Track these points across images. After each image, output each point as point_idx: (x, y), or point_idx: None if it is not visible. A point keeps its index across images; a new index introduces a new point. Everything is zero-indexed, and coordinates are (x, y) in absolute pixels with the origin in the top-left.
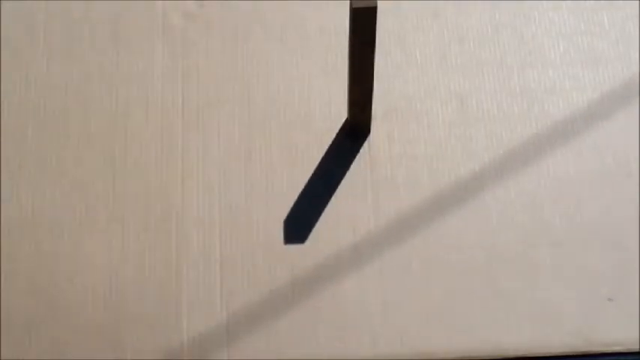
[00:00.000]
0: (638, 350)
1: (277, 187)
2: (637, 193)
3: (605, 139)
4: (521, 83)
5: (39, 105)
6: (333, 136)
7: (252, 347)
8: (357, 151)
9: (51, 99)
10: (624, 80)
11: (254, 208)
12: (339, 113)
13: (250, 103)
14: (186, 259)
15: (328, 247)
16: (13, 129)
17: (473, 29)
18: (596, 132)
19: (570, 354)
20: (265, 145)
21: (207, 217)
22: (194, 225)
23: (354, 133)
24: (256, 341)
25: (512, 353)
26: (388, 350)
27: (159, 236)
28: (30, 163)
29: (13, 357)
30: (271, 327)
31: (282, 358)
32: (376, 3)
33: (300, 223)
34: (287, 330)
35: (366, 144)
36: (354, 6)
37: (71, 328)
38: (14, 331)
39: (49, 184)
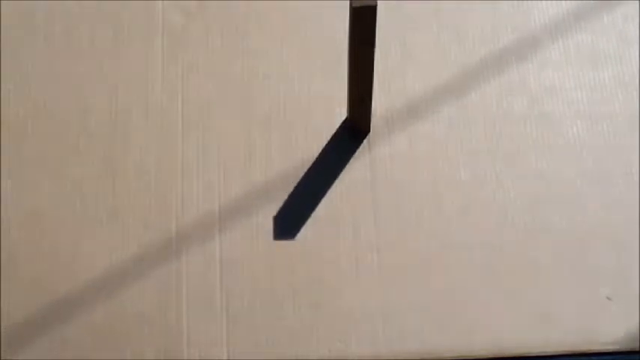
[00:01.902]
0: (638, 350)
1: (277, 186)
2: (637, 193)
3: (605, 140)
4: (521, 82)
5: (39, 104)
6: (333, 135)
7: (252, 347)
8: (357, 150)
9: (51, 98)
10: (624, 80)
11: (254, 207)
12: (339, 112)
13: (250, 103)
14: (186, 259)
15: (328, 246)
16: (13, 128)
17: (473, 28)
18: (596, 132)
19: (570, 354)
20: (265, 145)
21: (207, 217)
22: (194, 225)
23: (354, 132)
24: (256, 341)
25: (512, 353)
26: (388, 350)
27: (159, 236)
28: (30, 163)
29: (13, 357)
30: (271, 327)
31: (282, 358)
32: (376, 2)
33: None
34: (287, 330)
35: (365, 143)
36: (354, 5)
37: (71, 327)
38: (14, 330)
39: (49, 184)
